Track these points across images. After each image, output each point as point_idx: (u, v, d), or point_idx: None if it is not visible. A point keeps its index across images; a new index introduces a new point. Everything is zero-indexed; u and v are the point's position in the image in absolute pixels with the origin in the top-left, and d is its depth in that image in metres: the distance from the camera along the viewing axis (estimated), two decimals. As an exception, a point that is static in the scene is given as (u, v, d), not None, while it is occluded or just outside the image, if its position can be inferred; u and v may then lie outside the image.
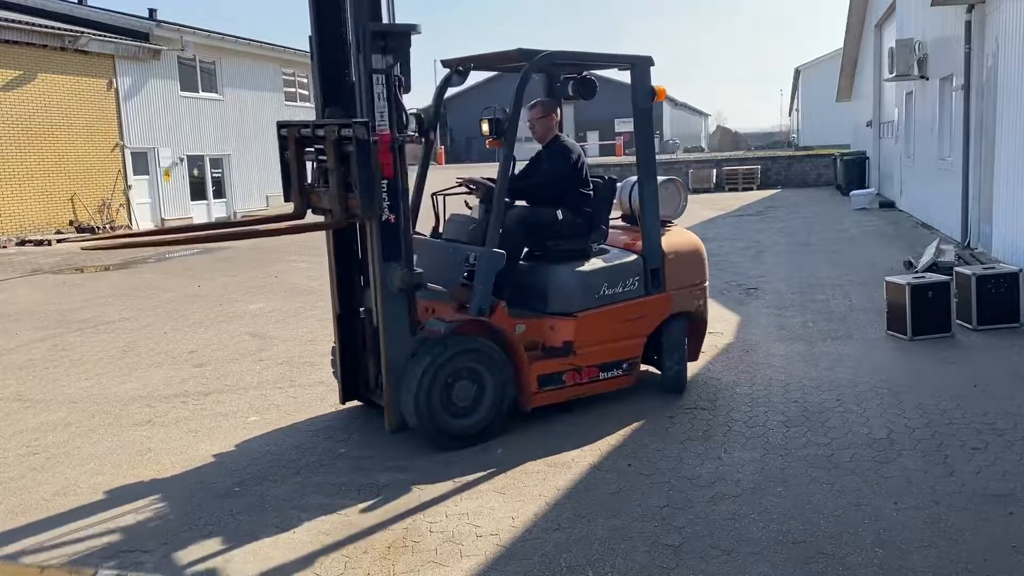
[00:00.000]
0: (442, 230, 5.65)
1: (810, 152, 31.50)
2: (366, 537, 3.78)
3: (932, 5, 11.68)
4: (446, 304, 5.01)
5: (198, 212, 23.11)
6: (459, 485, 4.30)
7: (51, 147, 18.86)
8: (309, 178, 4.96)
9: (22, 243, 17.54)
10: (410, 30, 4.54)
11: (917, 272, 8.72)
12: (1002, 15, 9.96)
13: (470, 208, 5.67)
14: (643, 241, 5.55)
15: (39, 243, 17.39)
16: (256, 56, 25.56)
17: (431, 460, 4.61)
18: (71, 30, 19.51)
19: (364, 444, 4.90)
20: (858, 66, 25.65)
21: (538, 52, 5.14)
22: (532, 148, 5.70)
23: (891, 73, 15.67)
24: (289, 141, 4.82)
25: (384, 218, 4.54)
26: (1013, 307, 7.14)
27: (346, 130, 4.43)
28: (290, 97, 27.47)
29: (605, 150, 43.99)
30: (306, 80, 26.96)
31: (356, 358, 5.15)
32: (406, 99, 4.61)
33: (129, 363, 7.24)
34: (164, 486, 4.47)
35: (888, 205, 18.78)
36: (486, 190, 5.34)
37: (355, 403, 5.41)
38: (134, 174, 21.20)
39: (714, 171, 27.94)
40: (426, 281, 4.75)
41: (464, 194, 5.58)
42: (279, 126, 4.92)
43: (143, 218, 21.18)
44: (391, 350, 4.64)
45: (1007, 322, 7.11)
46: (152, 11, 22.68)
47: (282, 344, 7.71)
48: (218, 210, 24.07)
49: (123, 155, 20.85)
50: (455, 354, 4.71)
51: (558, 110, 5.68)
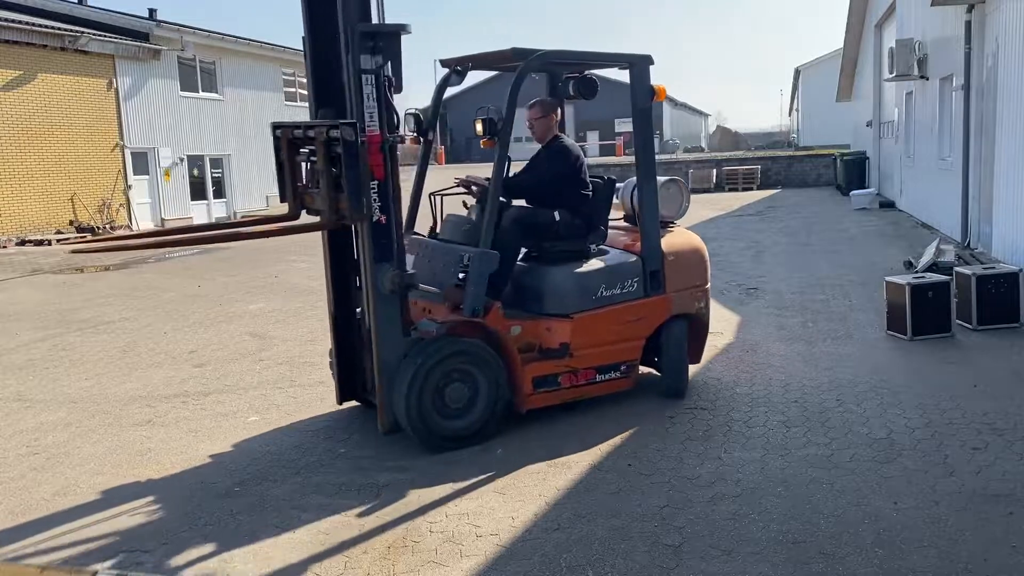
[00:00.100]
0: (439, 230, 5.63)
1: (810, 152, 31.50)
2: (366, 537, 3.78)
3: (932, 5, 11.68)
4: (441, 305, 4.99)
5: (198, 212, 23.12)
6: (459, 485, 4.30)
7: (51, 147, 18.87)
8: (304, 179, 4.93)
9: (22, 243, 17.54)
10: (400, 30, 4.48)
11: (917, 272, 8.72)
12: (1002, 15, 9.96)
13: (467, 208, 5.65)
14: (642, 242, 5.50)
15: (39, 243, 17.39)
16: (256, 56, 25.58)
17: (431, 460, 4.61)
18: (71, 30, 19.52)
19: (364, 444, 4.89)
20: (858, 66, 25.65)
21: (533, 52, 5.11)
22: (533, 148, 5.68)
23: (891, 73, 15.67)
24: (282, 142, 4.80)
25: (375, 219, 4.51)
26: (1013, 307, 7.14)
27: (335, 131, 4.40)
28: (290, 97, 27.48)
29: (605, 150, 44.00)
30: (306, 80, 26.91)
31: (352, 359, 5.14)
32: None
33: (129, 363, 7.24)
34: (164, 486, 4.47)
35: (888, 205, 18.78)
36: (483, 190, 5.31)
37: (353, 403, 5.41)
38: (134, 174, 21.20)
39: (714, 171, 27.95)
40: (418, 282, 4.72)
41: (462, 194, 5.56)
42: (273, 127, 4.90)
43: (143, 218, 21.18)
44: (383, 351, 4.62)
45: (1007, 322, 7.11)
46: (152, 11, 22.70)
47: (282, 344, 7.71)
48: (218, 210, 24.07)
49: (123, 155, 20.85)
50: (446, 356, 4.68)
51: (558, 110, 5.62)
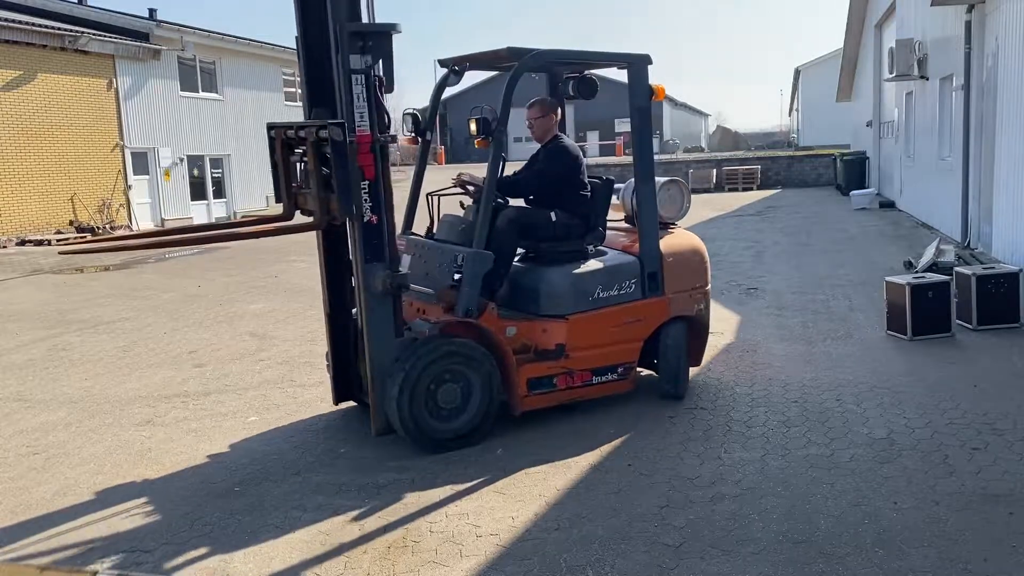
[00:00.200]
0: (435, 231, 5.60)
1: (810, 152, 31.51)
2: (366, 537, 3.78)
3: (932, 5, 11.68)
4: (436, 306, 4.97)
5: (198, 212, 23.11)
6: (459, 485, 4.30)
7: (51, 147, 18.87)
8: (298, 179, 4.90)
9: (22, 243, 17.54)
10: (390, 30, 4.46)
11: (917, 272, 8.72)
12: (1002, 15, 9.96)
13: (464, 209, 5.61)
14: (640, 243, 5.47)
15: (39, 243, 17.39)
16: (256, 56, 25.58)
17: (431, 460, 4.61)
18: (71, 30, 19.52)
19: (364, 444, 4.89)
20: (858, 66, 25.65)
21: (528, 51, 5.08)
22: (533, 148, 5.67)
23: (891, 73, 15.67)
24: (276, 143, 4.79)
25: (366, 219, 4.50)
26: (1013, 307, 7.14)
27: (324, 131, 4.39)
28: (290, 97, 27.46)
29: (605, 150, 44.04)
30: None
31: (348, 359, 5.11)
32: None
33: (129, 363, 7.24)
34: (164, 486, 4.47)
35: (888, 205, 18.78)
36: (480, 190, 5.27)
37: (351, 404, 5.39)
38: (134, 174, 21.20)
39: (714, 171, 27.96)
40: (410, 282, 4.69)
41: (459, 194, 5.54)
42: (268, 128, 4.89)
43: (143, 218, 21.18)
44: (375, 352, 4.60)
45: (1007, 322, 7.11)
46: (152, 11, 22.69)
47: (282, 344, 7.71)
48: (218, 210, 24.06)
49: (123, 155, 20.85)
50: (437, 357, 4.65)
51: (558, 110, 5.60)
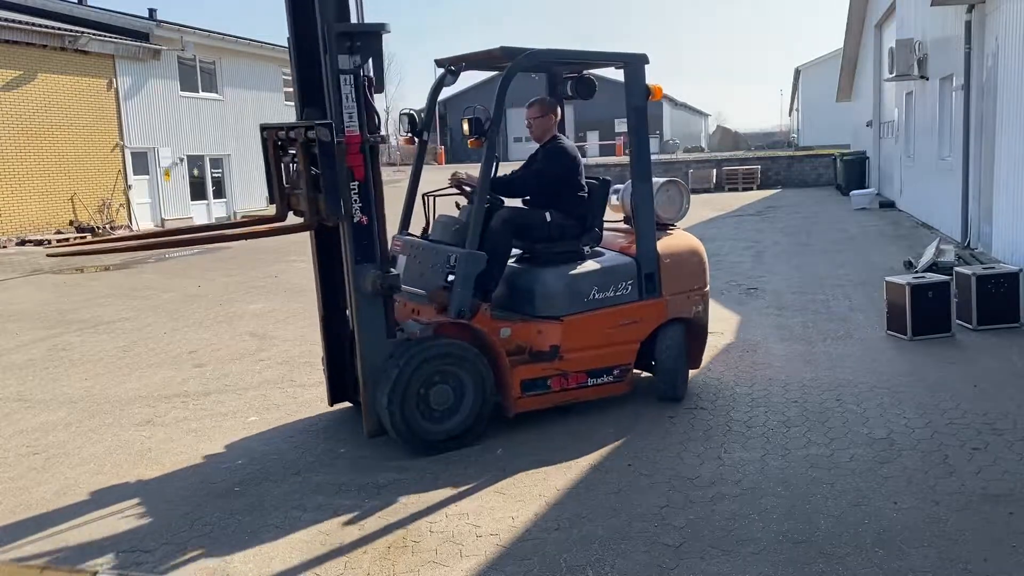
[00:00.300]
0: (430, 231, 5.57)
1: (810, 152, 31.52)
2: (366, 537, 3.78)
3: (932, 5, 11.68)
4: (430, 306, 4.95)
5: (198, 212, 23.10)
6: (459, 485, 4.30)
7: (51, 147, 18.86)
8: (291, 180, 4.88)
9: (22, 243, 17.54)
10: (379, 30, 4.45)
11: (917, 272, 8.72)
12: (1002, 15, 9.96)
13: (459, 209, 5.58)
14: (637, 244, 5.43)
15: (39, 243, 17.38)
16: (256, 56, 25.57)
17: (431, 460, 4.61)
18: (71, 30, 19.52)
19: (364, 444, 4.88)
20: (858, 66, 25.66)
21: (522, 51, 5.05)
22: (532, 148, 5.66)
23: (891, 73, 15.67)
24: (269, 143, 4.78)
25: (356, 220, 4.49)
26: (1013, 307, 7.14)
27: (312, 132, 4.38)
28: (290, 97, 26.99)
29: (605, 150, 44.06)
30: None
31: (343, 360, 5.09)
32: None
33: (129, 363, 7.24)
34: (164, 486, 4.47)
35: (888, 205, 18.78)
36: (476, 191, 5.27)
37: (346, 404, 5.36)
38: (134, 174, 21.19)
39: (714, 171, 27.97)
40: (405, 283, 4.67)
41: (455, 195, 5.51)
42: (261, 128, 4.88)
43: (143, 218, 21.18)
44: (367, 353, 4.59)
45: (1007, 322, 7.11)
46: (152, 11, 22.68)
47: (282, 344, 7.71)
48: (218, 210, 24.05)
49: (123, 155, 20.84)
50: (428, 358, 4.61)
51: (557, 110, 5.58)
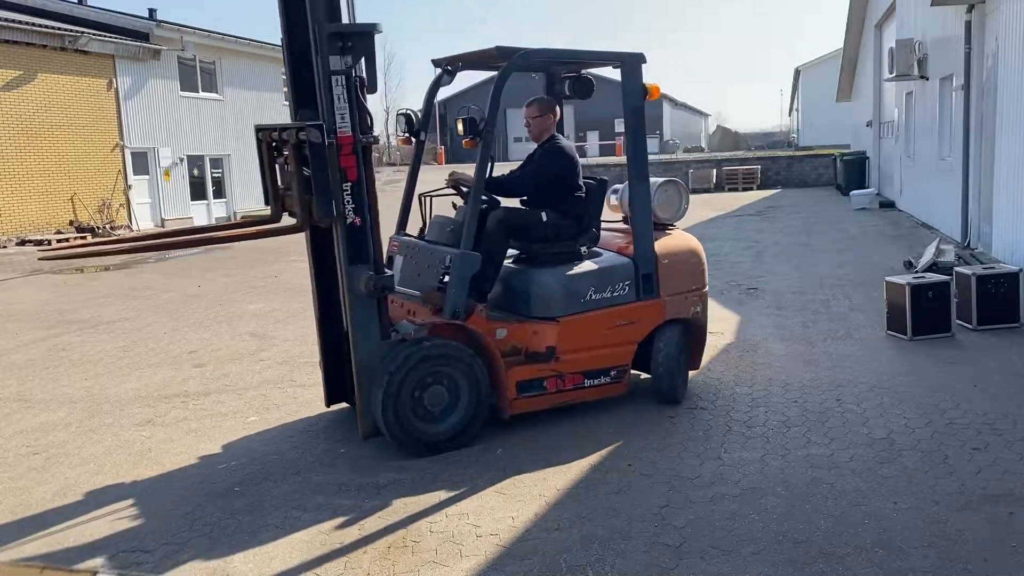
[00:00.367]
0: (426, 232, 5.54)
1: (810, 152, 31.53)
2: (366, 537, 3.78)
3: (932, 5, 11.69)
4: (425, 307, 4.93)
5: (198, 212, 23.13)
6: (459, 485, 4.30)
7: (51, 147, 18.87)
8: (284, 181, 4.86)
9: (22, 243, 17.55)
10: (371, 30, 4.43)
11: (917, 272, 8.72)
12: (1002, 15, 9.96)
13: (456, 209, 5.55)
14: (634, 245, 5.40)
15: (39, 243, 17.38)
16: (256, 56, 25.57)
17: (431, 460, 4.61)
18: (71, 30, 19.53)
19: (364, 444, 4.88)
20: (858, 66, 25.67)
21: (517, 50, 5.03)
22: (532, 148, 5.66)
23: (891, 73, 15.68)
24: (263, 144, 4.77)
25: (349, 221, 4.47)
26: (1013, 307, 7.14)
27: (303, 133, 4.37)
28: (289, 97, 27.42)
29: (605, 150, 44.08)
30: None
31: (339, 361, 5.05)
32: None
33: (129, 363, 7.24)
34: (164, 486, 4.47)
35: (888, 205, 18.79)
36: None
37: (345, 405, 5.33)
38: (134, 174, 21.21)
39: (714, 171, 27.98)
40: (401, 284, 4.64)
41: (451, 195, 5.49)
42: (256, 130, 4.87)
43: (143, 218, 21.19)
44: (360, 355, 4.57)
45: (1007, 322, 7.11)
46: (152, 11, 22.71)
47: (282, 344, 7.71)
48: (218, 210, 24.07)
49: (123, 155, 20.86)
50: (422, 359, 4.59)
51: (556, 109, 5.55)
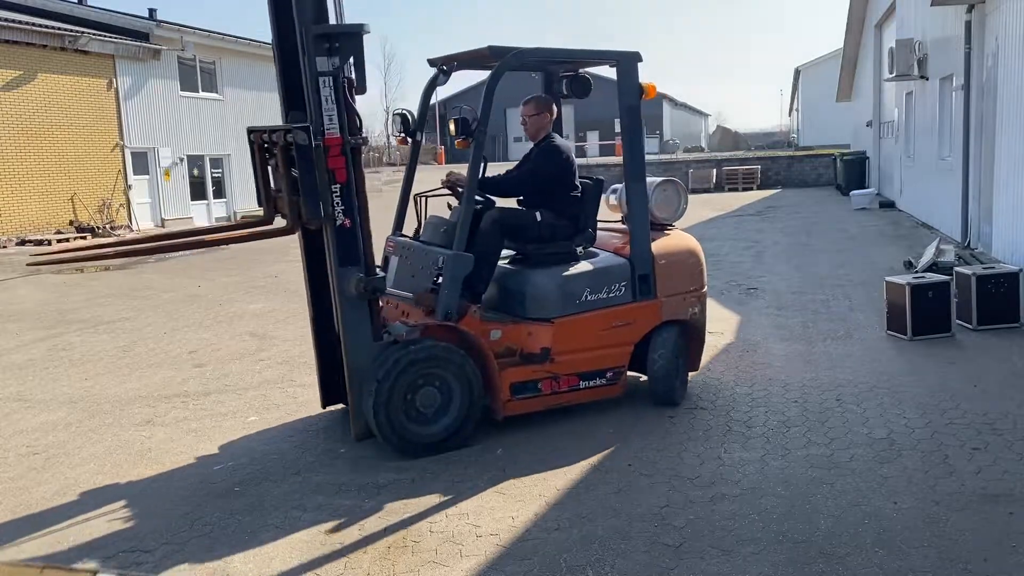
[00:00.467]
0: (421, 232, 5.50)
1: (810, 152, 31.53)
2: (366, 537, 3.78)
3: (932, 5, 11.69)
4: (417, 308, 4.92)
5: (198, 212, 23.11)
6: (459, 485, 4.30)
7: (51, 147, 18.86)
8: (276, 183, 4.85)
9: (22, 243, 17.53)
10: (358, 30, 4.41)
11: (917, 272, 8.72)
12: (1002, 15, 9.96)
13: (451, 209, 5.52)
14: (631, 245, 5.37)
15: (39, 243, 17.36)
16: (256, 56, 25.52)
17: (431, 460, 4.61)
18: (71, 30, 19.52)
19: (364, 444, 4.87)
20: (858, 66, 25.67)
21: (509, 50, 5.00)
22: (527, 147, 5.64)
23: (891, 73, 15.68)
24: (255, 146, 4.77)
25: (339, 223, 4.47)
26: (1013, 307, 7.14)
27: (290, 135, 4.36)
28: (290, 97, 27.38)
29: (605, 150, 44.01)
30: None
31: (333, 362, 5.02)
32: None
33: (129, 363, 7.24)
34: (164, 486, 4.47)
35: (888, 205, 18.79)
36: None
37: (342, 406, 5.31)
38: (134, 174, 21.20)
39: (714, 171, 27.99)
40: (396, 284, 4.62)
41: (447, 195, 5.47)
42: (248, 132, 4.86)
43: (143, 218, 21.18)
44: (352, 357, 4.57)
45: (1007, 322, 7.11)
46: (152, 11, 22.69)
47: (282, 344, 7.71)
48: (218, 210, 24.06)
49: (123, 155, 20.85)
50: (409, 363, 4.56)
51: (553, 108, 5.52)
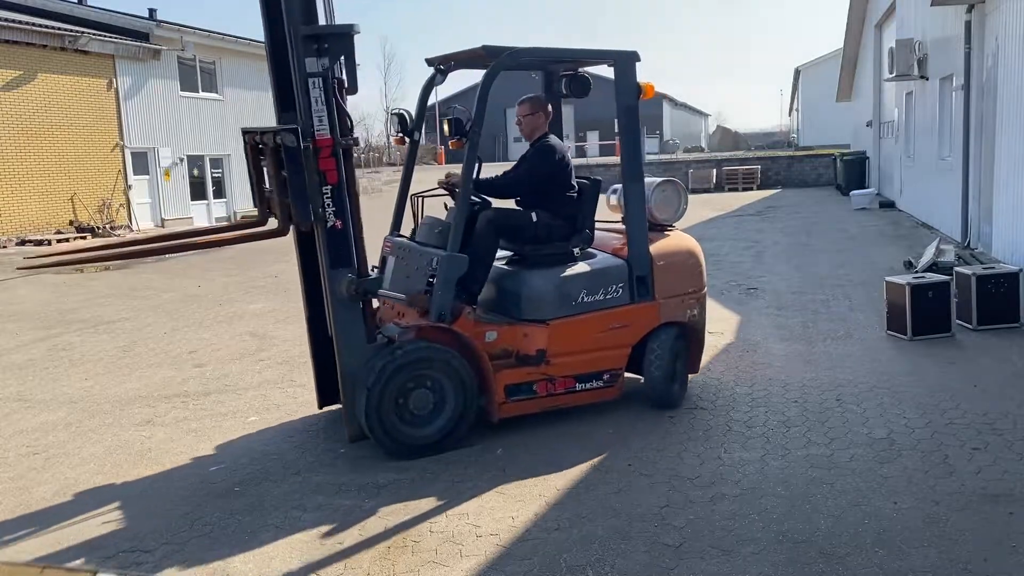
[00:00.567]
0: (417, 233, 5.48)
1: (810, 152, 31.53)
2: (366, 537, 3.78)
3: (932, 5, 11.69)
4: (412, 309, 4.90)
5: (198, 212, 23.11)
6: (459, 485, 4.30)
7: (51, 147, 18.86)
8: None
9: (22, 243, 17.53)
10: (348, 31, 4.40)
11: (917, 272, 8.72)
12: (1002, 15, 9.96)
13: (447, 210, 5.50)
14: (629, 246, 5.33)
15: (39, 243, 17.36)
16: (256, 56, 25.46)
17: (431, 460, 4.61)
18: (71, 30, 19.52)
19: (364, 444, 4.87)
20: (858, 66, 25.67)
21: (504, 49, 4.97)
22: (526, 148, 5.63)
23: (891, 73, 15.68)
24: (248, 148, 4.76)
25: (330, 224, 4.46)
26: (1013, 307, 7.14)
27: (279, 137, 4.36)
28: (290, 97, 27.37)
29: (605, 150, 43.99)
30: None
31: (330, 363, 4.99)
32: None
33: (129, 363, 7.24)
34: (164, 486, 4.47)
35: (888, 205, 18.78)
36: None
37: (340, 406, 5.29)
38: (134, 174, 21.19)
39: (714, 171, 27.99)
40: (392, 285, 4.60)
41: (444, 195, 5.45)
42: (243, 133, 4.86)
43: (143, 218, 21.18)
44: (345, 358, 4.57)
45: (1007, 322, 7.11)
46: (152, 11, 22.69)
47: (282, 344, 7.71)
48: (218, 210, 24.06)
49: (123, 155, 20.84)
50: (398, 368, 4.54)
51: (548, 108, 5.49)
